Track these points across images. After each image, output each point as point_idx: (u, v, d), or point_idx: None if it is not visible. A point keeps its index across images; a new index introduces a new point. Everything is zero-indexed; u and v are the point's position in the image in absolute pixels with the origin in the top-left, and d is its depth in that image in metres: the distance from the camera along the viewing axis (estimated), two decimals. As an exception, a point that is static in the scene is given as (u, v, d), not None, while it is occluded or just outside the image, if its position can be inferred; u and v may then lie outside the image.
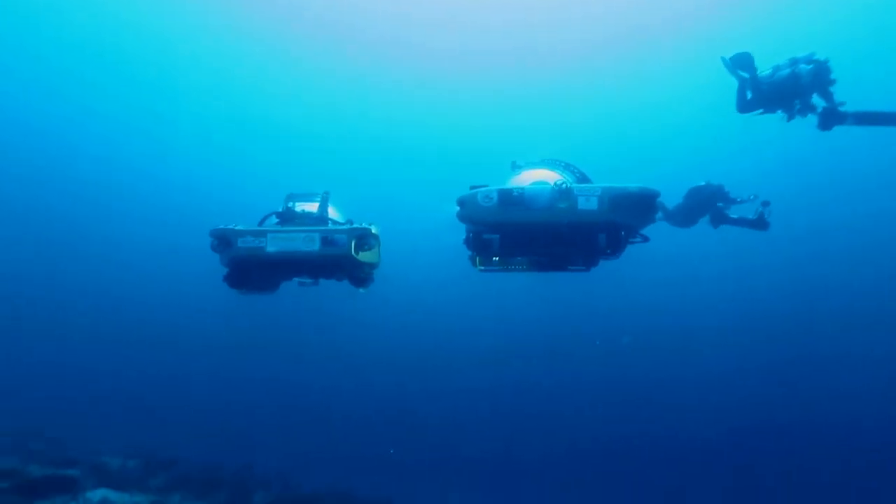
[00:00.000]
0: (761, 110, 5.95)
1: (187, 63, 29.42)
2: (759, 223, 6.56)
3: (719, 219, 6.89)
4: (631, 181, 3.58)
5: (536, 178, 3.84)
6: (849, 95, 5.78)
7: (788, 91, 5.68)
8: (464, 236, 3.86)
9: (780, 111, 5.86)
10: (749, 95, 6.00)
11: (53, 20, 26.67)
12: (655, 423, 18.71)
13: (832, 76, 5.64)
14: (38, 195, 28.10)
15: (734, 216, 6.83)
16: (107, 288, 25.96)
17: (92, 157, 29.40)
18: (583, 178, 3.93)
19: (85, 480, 8.75)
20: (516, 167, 4.11)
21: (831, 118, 5.63)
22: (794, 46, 6.41)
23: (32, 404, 15.40)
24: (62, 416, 14.35)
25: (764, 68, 6.00)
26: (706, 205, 7.04)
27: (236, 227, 3.68)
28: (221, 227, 3.69)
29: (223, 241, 3.65)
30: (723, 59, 6.20)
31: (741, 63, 6.10)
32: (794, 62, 5.69)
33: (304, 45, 29.10)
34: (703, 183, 7.20)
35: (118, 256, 27.11)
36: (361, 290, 4.35)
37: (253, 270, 3.83)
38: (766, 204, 6.52)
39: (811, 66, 5.59)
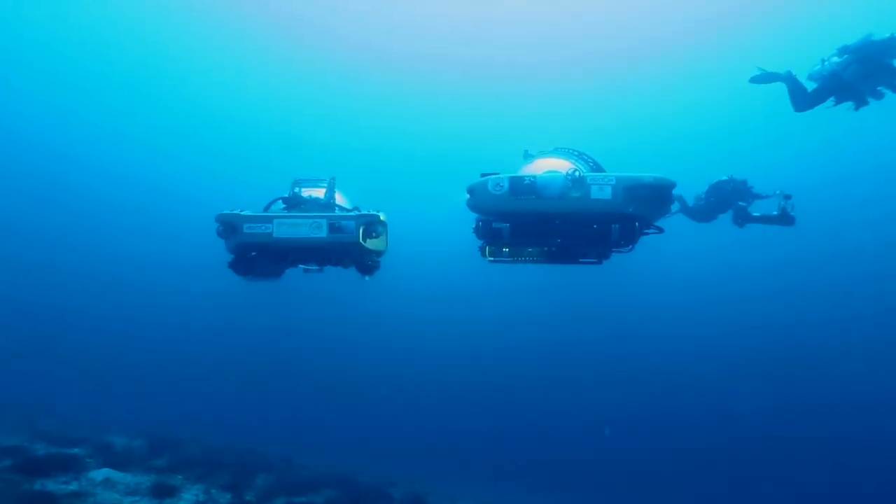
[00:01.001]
0: (832, 102, 5.68)
1: (197, 65, 29.38)
2: (784, 219, 6.29)
3: (743, 217, 6.66)
4: (646, 171, 3.50)
5: (549, 166, 3.74)
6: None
7: (836, 84, 5.46)
8: (473, 225, 3.80)
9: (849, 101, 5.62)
10: (800, 94, 5.82)
11: (50, 26, 26.44)
12: (661, 424, 18.58)
13: None
14: (43, 191, 28.33)
15: (756, 214, 6.60)
16: (118, 274, 26.20)
17: (94, 152, 29.62)
18: (596, 168, 3.83)
19: (89, 459, 8.80)
20: (528, 156, 4.01)
21: None
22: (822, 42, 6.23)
23: (46, 384, 15.57)
24: (74, 395, 14.50)
25: (812, 64, 5.82)
26: (728, 201, 6.85)
27: (242, 213, 3.62)
28: (227, 212, 3.63)
29: (229, 226, 3.58)
30: (752, 82, 6.24)
31: (767, 79, 6.03)
32: (842, 51, 5.44)
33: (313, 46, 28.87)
34: (725, 178, 7.00)
35: (127, 243, 27.36)
36: (367, 278, 4.28)
37: (259, 257, 3.78)
38: (787, 197, 6.24)
39: (845, 58, 5.32)
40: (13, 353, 18.09)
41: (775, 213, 6.36)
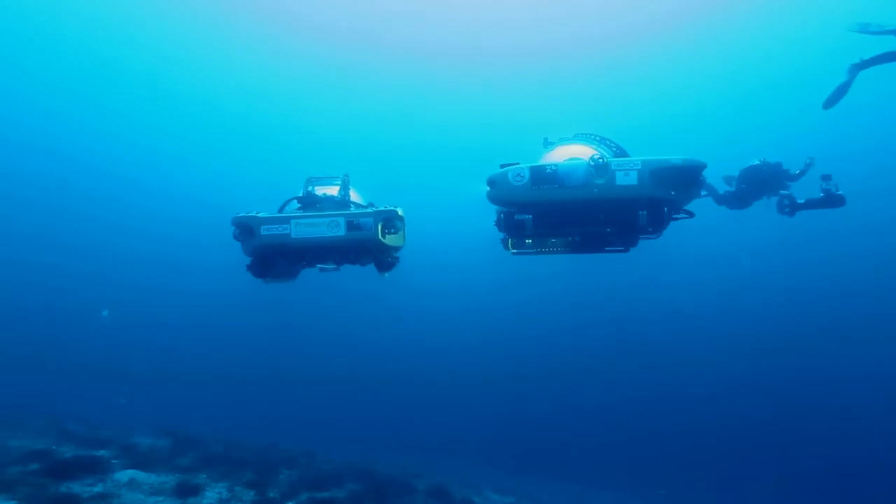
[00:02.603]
0: None
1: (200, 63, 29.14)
2: (832, 200, 5.83)
3: (792, 206, 6.21)
4: (673, 153, 3.36)
5: (570, 154, 3.63)
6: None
7: None
8: (494, 218, 3.70)
9: None
10: None
11: (47, 27, 26.38)
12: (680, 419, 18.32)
13: None
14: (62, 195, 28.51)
15: (801, 201, 6.17)
16: (140, 277, 26.49)
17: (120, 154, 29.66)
18: (620, 153, 3.70)
19: (115, 461, 8.88)
20: (548, 144, 3.88)
21: None
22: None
23: (72, 387, 15.80)
24: (100, 396, 14.72)
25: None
26: (764, 187, 6.46)
27: (259, 215, 3.55)
28: (243, 214, 3.56)
29: (246, 229, 3.52)
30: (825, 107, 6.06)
31: (840, 93, 5.86)
32: None
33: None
34: (757, 162, 6.58)
35: (144, 246, 27.60)
36: (386, 275, 4.20)
37: (277, 258, 3.71)
38: (826, 178, 5.84)
39: None
40: (40, 359, 18.43)
41: (820, 195, 5.90)
